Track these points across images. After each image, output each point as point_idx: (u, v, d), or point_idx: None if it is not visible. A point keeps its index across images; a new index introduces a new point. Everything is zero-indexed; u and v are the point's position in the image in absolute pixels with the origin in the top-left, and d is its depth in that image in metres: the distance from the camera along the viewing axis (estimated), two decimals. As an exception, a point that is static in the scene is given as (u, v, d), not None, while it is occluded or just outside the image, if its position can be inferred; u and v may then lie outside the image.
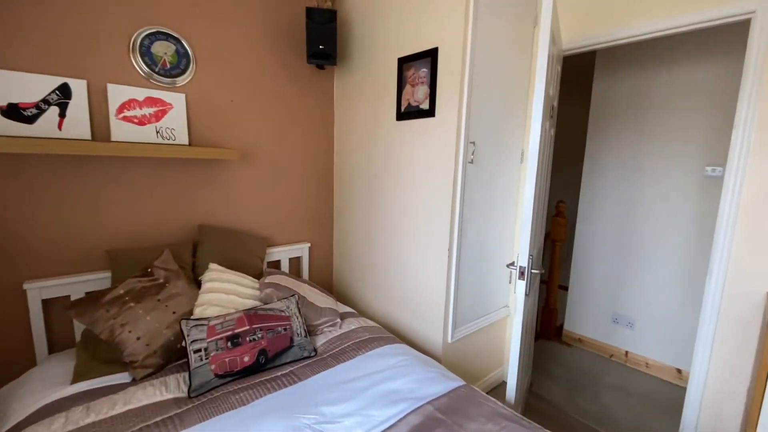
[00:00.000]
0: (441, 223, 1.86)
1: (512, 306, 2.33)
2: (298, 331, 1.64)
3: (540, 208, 1.80)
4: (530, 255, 1.50)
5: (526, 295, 1.51)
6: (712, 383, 1.61)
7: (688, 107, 2.33)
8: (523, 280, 1.50)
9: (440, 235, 1.87)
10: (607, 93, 2.67)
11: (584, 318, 2.89)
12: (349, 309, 2.01)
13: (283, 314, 1.64)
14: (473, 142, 1.85)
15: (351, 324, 1.83)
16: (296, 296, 1.75)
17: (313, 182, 2.49)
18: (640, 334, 2.62)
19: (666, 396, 2.31)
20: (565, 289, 3.07)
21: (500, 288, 2.26)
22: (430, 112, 1.90)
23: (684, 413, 1.70)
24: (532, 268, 1.53)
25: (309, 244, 2.45)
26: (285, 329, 1.61)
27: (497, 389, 2.32)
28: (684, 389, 2.35)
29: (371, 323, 1.87)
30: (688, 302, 2.40)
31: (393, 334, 1.82)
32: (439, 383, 1.40)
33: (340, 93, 2.46)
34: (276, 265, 2.28)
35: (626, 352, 2.68)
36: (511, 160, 2.15)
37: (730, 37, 2.14)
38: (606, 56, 2.66)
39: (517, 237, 2.26)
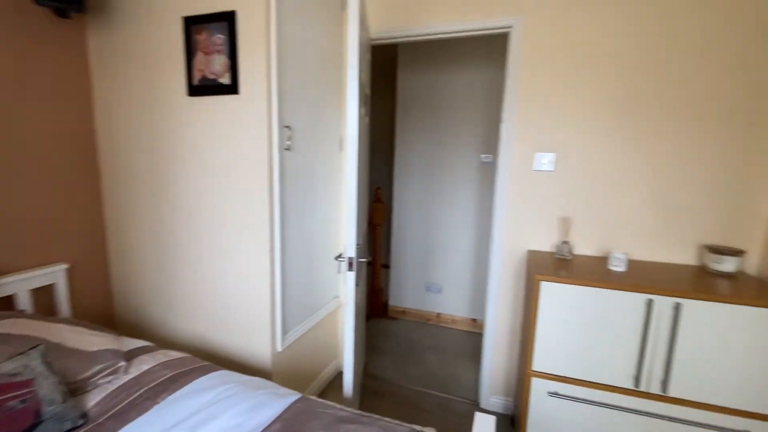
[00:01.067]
0: (258, 218, 1.61)
1: (343, 296, 2.31)
2: (51, 397, 1.11)
3: (363, 195, 1.79)
4: (358, 245, 1.45)
5: (356, 285, 1.46)
6: (501, 326, 1.98)
7: (471, 104, 2.79)
8: (353, 270, 1.44)
9: (258, 232, 1.62)
10: (410, 87, 2.93)
11: (405, 291, 3.19)
12: (142, 343, 1.53)
13: (14, 380, 1.07)
14: (288, 127, 1.66)
15: (145, 363, 1.38)
16: (42, 346, 1.18)
17: (64, 177, 1.78)
18: (447, 297, 3.07)
19: (469, 344, 2.78)
20: (388, 267, 3.31)
21: (330, 279, 2.19)
22: (232, 89, 1.59)
23: (483, 355, 2.04)
24: (359, 258, 1.48)
25: (66, 266, 1.75)
26: (24, 401, 1.06)
27: (335, 381, 2.27)
28: (476, 335, 2.92)
29: (176, 354, 1.46)
30: (478, 263, 2.94)
31: (209, 362, 1.48)
32: (271, 406, 1.20)
33: (100, 54, 1.82)
34: (6, 303, 1.53)
35: (438, 314, 3.10)
36: (331, 147, 2.07)
37: (503, 45, 2.66)
38: (407, 51, 2.90)
39: (344, 227, 2.23)
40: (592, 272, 1.49)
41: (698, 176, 1.58)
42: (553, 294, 1.43)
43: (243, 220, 1.65)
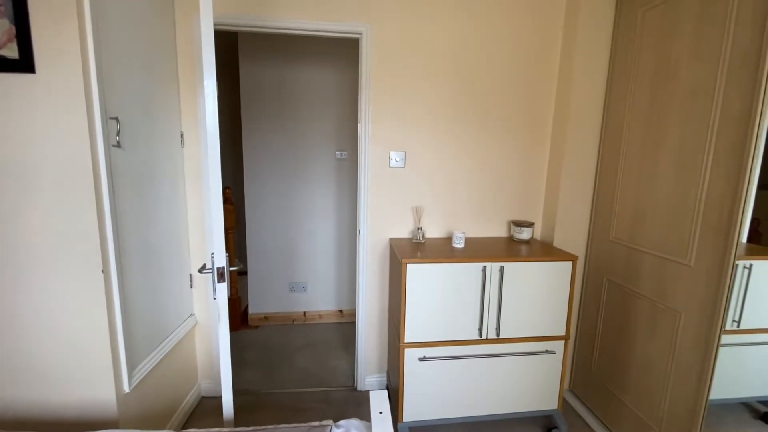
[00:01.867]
0: (83, 233, 1.27)
1: (199, 312, 2.05)
2: None
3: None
4: (226, 252, 1.32)
5: (230, 298, 1.33)
6: (371, 310, 2.15)
7: (324, 101, 2.84)
8: (224, 281, 1.31)
9: (85, 249, 1.28)
10: (255, 79, 2.77)
11: (266, 296, 3.04)
12: None
13: None
14: (116, 119, 1.36)
15: None
16: None
17: None
18: (312, 294, 3.08)
19: (339, 335, 2.88)
20: (244, 274, 3.08)
21: (182, 296, 1.91)
22: (22, 65, 1.19)
23: (357, 341, 2.17)
24: (230, 267, 1.36)
25: None
26: None
27: (198, 408, 2.01)
28: (346, 324, 3.06)
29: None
30: (341, 256, 3.05)
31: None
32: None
33: None
34: None
35: (304, 312, 3.09)
36: (171, 144, 1.78)
37: (356, 48, 2.77)
38: (250, 40, 2.72)
39: (196, 235, 1.96)
40: (441, 251, 1.79)
41: (504, 168, 2.08)
42: (415, 273, 1.65)
43: (61, 239, 1.27)
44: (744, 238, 1.42)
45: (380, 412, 1.09)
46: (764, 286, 1.60)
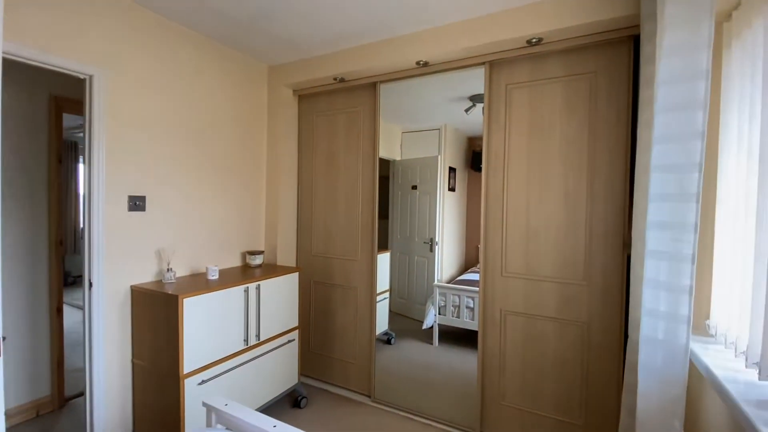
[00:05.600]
0: None
1: None
2: None
3: None
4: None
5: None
6: (111, 371, 1.90)
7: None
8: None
9: None
10: None
11: None
12: None
13: None
14: None
15: None
16: None
17: None
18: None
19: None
20: None
21: None
22: None
23: (94, 418, 1.84)
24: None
25: None
26: None
27: None
28: (40, 419, 2.23)
29: None
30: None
31: None
32: None
33: None
34: None
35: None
36: None
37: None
38: None
39: None
40: (200, 285, 2.03)
41: (236, 207, 2.57)
42: (193, 306, 1.82)
43: None
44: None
45: (226, 404, 1.34)
46: (380, 269, 3.09)
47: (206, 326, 1.90)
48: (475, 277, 2.44)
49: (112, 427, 1.92)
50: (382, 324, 3.41)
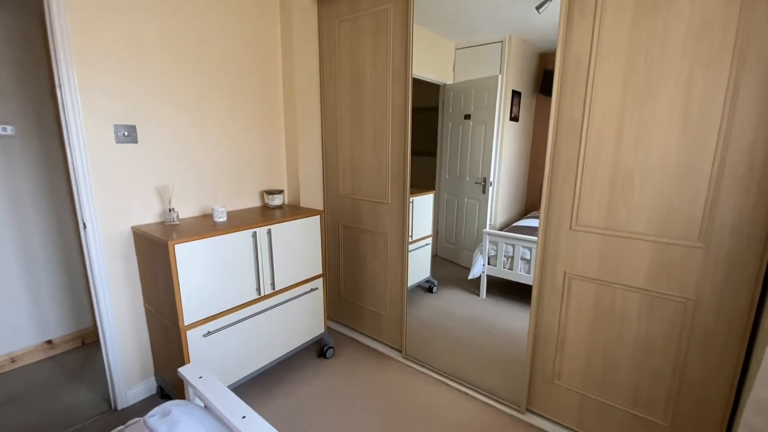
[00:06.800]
0: None
1: None
2: None
3: None
4: None
5: None
6: (121, 315, 1.82)
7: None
8: None
9: None
10: None
11: None
12: None
13: None
14: None
15: None
16: None
17: None
18: (-10, 334, 2.13)
19: (57, 369, 2.19)
20: None
21: None
22: None
23: (107, 356, 1.80)
24: None
25: None
26: None
27: None
28: (65, 354, 2.35)
29: None
30: (30, 270, 2.24)
31: None
32: None
33: None
34: None
35: (-19, 364, 2.11)
36: None
37: None
38: None
39: None
40: (204, 227, 1.78)
41: (251, 142, 2.23)
42: (186, 253, 1.59)
43: None
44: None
45: (200, 377, 1.11)
46: (420, 212, 2.67)
47: (208, 275, 1.68)
48: (536, 224, 1.92)
49: (130, 367, 1.88)
50: (423, 271, 3.07)
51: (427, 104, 3.38)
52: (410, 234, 2.24)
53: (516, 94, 3.20)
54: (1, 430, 1.74)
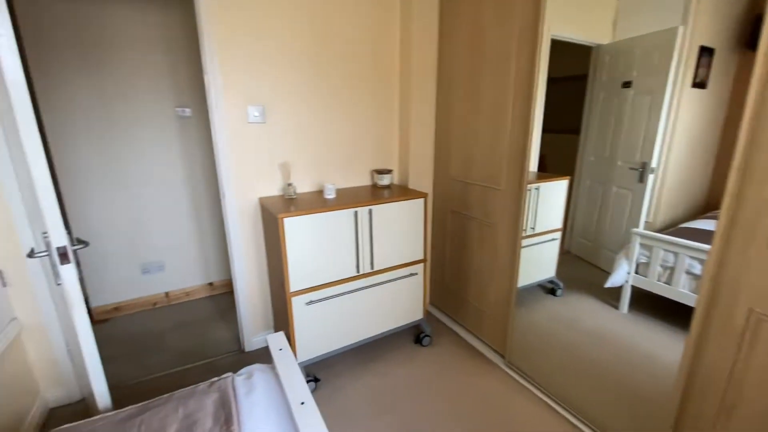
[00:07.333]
0: None
1: (24, 314, 1.66)
2: None
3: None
4: (66, 229, 1.12)
5: (80, 280, 1.15)
6: (249, 273, 2.12)
7: (149, 49, 2.39)
8: (70, 261, 1.11)
9: None
10: (44, 22, 2.12)
11: (111, 285, 2.60)
12: None
13: None
14: None
15: None
16: None
17: None
18: (172, 272, 2.78)
19: (213, 307, 2.74)
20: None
21: (-5, 298, 1.51)
22: None
23: (238, 305, 2.14)
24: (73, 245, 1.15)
25: None
26: None
27: (51, 421, 1.70)
28: (218, 296, 2.91)
29: None
30: (201, 224, 2.81)
31: None
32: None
33: None
34: None
35: (167, 293, 2.79)
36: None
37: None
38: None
39: (10, 218, 1.53)
40: (314, 203, 1.88)
41: (363, 123, 2.25)
42: (293, 226, 1.71)
43: None
44: (534, 168, 1.96)
45: (280, 349, 1.18)
46: (546, 201, 2.27)
47: (310, 248, 1.78)
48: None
49: (254, 318, 2.20)
50: (545, 269, 2.66)
51: (571, 72, 2.80)
52: (531, 225, 1.93)
53: (705, 52, 2.34)
54: (171, 347, 2.27)
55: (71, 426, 0.99)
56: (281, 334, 1.27)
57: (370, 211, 1.89)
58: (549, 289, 2.72)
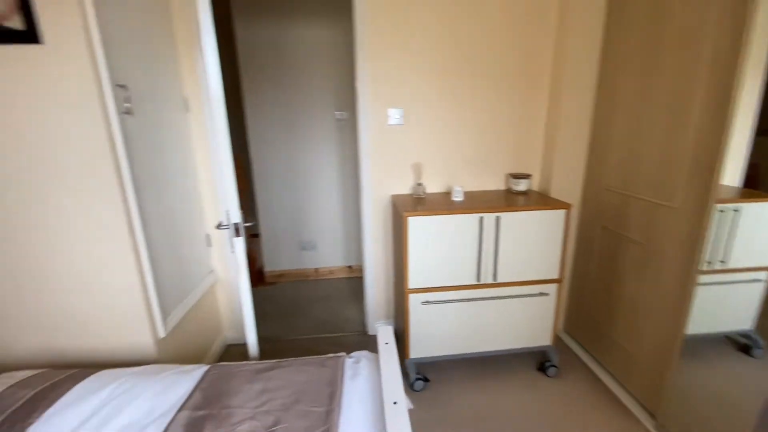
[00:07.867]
0: (106, 201, 1.38)
1: (219, 269, 2.21)
2: None
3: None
4: (241, 210, 1.43)
5: (247, 255, 1.46)
6: (377, 263, 2.29)
7: (319, 61, 2.82)
8: (240, 236, 1.43)
9: (110, 217, 1.40)
10: (252, 43, 2.74)
11: (279, 255, 3.21)
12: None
13: None
14: (124, 86, 1.41)
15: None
16: None
17: None
18: (322, 252, 3.24)
19: (349, 288, 3.07)
20: (256, 236, 3.23)
21: (200, 255, 2.05)
22: (28, 36, 1.24)
23: (365, 291, 2.33)
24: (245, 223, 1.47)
25: None
26: None
27: (225, 355, 2.23)
28: (354, 279, 3.24)
29: (29, 373, 1.21)
30: (346, 214, 3.17)
31: (76, 368, 1.27)
32: (181, 384, 1.16)
33: None
34: None
35: (316, 269, 3.27)
36: (174, 108, 1.84)
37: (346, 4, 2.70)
38: (243, 2, 2.66)
39: (215, 196, 2.07)
40: (441, 204, 1.88)
41: (501, 123, 2.11)
42: (416, 225, 1.75)
43: (86, 207, 1.38)
44: (736, 182, 1.47)
45: (386, 343, 1.23)
46: (751, 228, 1.67)
47: (432, 248, 1.78)
48: None
49: (378, 305, 2.36)
50: (739, 318, 1.97)
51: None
52: (720, 258, 1.48)
53: None
54: (313, 315, 2.66)
55: (226, 364, 1.28)
56: (390, 329, 1.33)
57: (498, 219, 1.77)
58: (742, 345, 2.02)
